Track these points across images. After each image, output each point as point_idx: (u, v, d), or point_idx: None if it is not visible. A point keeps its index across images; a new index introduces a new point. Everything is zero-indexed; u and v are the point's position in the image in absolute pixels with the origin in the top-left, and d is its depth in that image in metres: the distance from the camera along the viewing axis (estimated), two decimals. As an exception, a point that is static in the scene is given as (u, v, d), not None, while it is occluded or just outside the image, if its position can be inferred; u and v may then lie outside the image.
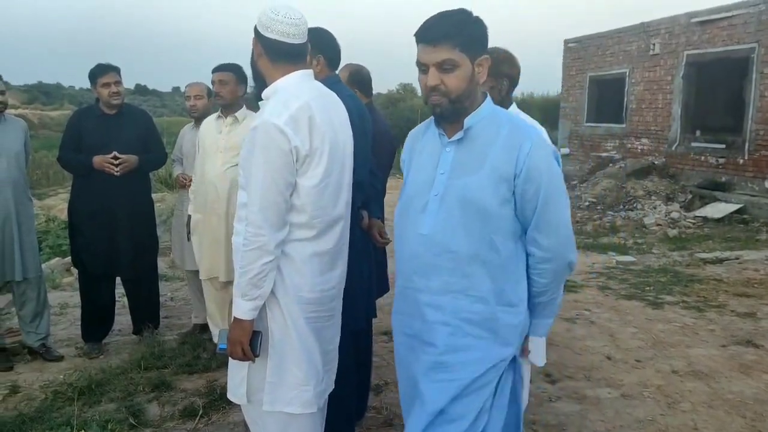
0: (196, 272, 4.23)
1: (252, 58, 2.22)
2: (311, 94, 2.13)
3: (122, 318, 4.72)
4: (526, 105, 31.85)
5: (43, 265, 5.34)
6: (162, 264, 5.85)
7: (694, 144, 11.70)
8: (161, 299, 4.91)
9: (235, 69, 3.94)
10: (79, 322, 4.51)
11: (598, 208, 10.88)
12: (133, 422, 3.22)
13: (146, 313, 4.57)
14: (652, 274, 6.40)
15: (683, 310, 5.11)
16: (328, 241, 2.21)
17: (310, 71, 2.23)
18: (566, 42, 15.78)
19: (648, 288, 5.80)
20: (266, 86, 2.19)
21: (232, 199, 3.77)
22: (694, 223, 9.83)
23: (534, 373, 3.48)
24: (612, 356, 4.12)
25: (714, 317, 4.92)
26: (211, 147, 3.88)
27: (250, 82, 2.37)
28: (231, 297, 4.07)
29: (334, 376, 2.38)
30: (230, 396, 2.29)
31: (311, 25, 2.30)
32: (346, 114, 2.30)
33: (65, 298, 5.68)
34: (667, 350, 4.22)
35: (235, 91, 3.91)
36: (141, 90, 64.45)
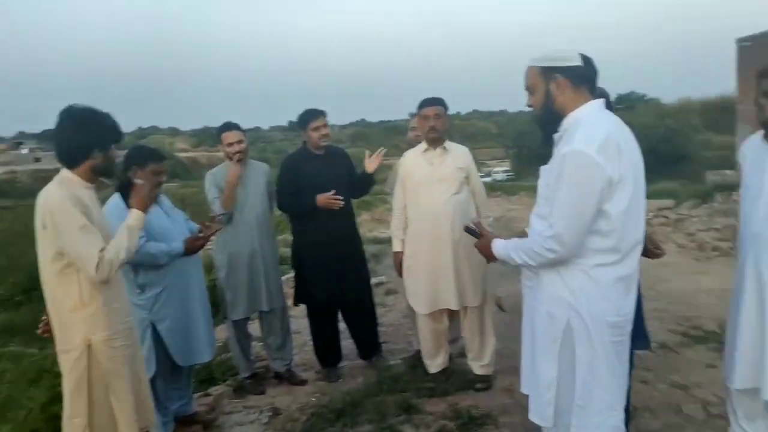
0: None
1: (544, 102, 2.29)
2: (611, 122, 2.18)
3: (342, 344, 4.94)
4: (684, 110, 29.76)
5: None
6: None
7: None
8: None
9: (444, 102, 4.07)
10: (307, 347, 4.83)
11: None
12: (397, 443, 3.39)
13: (369, 339, 4.82)
14: None
15: None
16: (629, 265, 2.23)
17: (602, 101, 2.29)
18: (739, 41, 14.69)
19: None
20: (557, 128, 2.27)
21: (456, 227, 3.87)
22: None
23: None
24: None
25: None
26: (426, 179, 3.96)
27: None
28: (446, 327, 4.17)
29: (626, 401, 2.37)
30: (534, 417, 2.36)
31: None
32: (635, 140, 2.32)
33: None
34: None
35: (446, 123, 4.04)
36: (294, 126, 68.52)
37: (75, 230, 2.40)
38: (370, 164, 4.47)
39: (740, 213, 2.84)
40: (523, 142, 23.31)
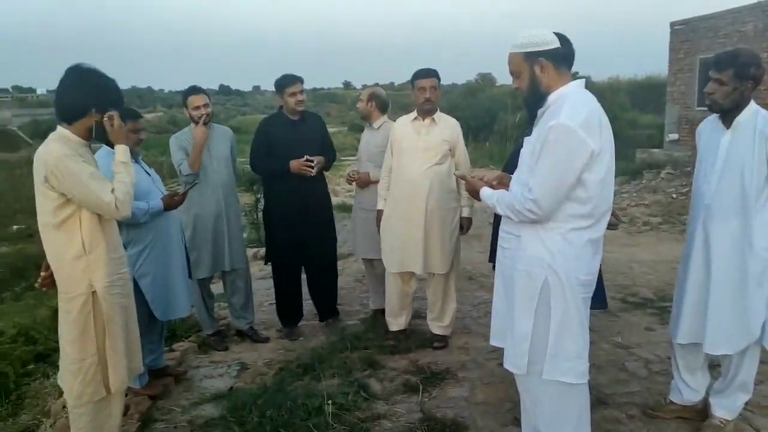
0: (373, 261, 4.55)
1: (530, 85, 2.45)
2: (592, 99, 2.39)
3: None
4: (613, 89, 30.75)
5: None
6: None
7: (820, 126, 11.23)
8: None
9: (438, 74, 4.21)
10: (264, 308, 4.92)
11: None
12: (365, 395, 3.57)
13: (329, 300, 4.98)
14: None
15: None
16: (599, 230, 2.46)
17: (582, 80, 2.48)
18: (672, 24, 15.38)
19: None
20: (541, 106, 2.45)
21: (431, 196, 4.06)
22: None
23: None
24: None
25: None
26: (410, 147, 4.13)
27: None
28: (412, 290, 4.37)
29: (587, 353, 2.63)
30: (509, 366, 2.57)
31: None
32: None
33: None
34: None
35: (439, 94, 4.18)
36: (224, 90, 66.78)
37: (85, 179, 2.46)
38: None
39: (693, 186, 3.13)
40: (458, 114, 23.62)
